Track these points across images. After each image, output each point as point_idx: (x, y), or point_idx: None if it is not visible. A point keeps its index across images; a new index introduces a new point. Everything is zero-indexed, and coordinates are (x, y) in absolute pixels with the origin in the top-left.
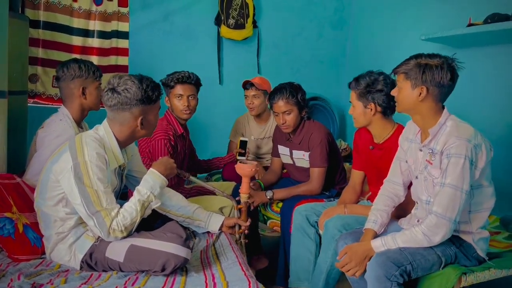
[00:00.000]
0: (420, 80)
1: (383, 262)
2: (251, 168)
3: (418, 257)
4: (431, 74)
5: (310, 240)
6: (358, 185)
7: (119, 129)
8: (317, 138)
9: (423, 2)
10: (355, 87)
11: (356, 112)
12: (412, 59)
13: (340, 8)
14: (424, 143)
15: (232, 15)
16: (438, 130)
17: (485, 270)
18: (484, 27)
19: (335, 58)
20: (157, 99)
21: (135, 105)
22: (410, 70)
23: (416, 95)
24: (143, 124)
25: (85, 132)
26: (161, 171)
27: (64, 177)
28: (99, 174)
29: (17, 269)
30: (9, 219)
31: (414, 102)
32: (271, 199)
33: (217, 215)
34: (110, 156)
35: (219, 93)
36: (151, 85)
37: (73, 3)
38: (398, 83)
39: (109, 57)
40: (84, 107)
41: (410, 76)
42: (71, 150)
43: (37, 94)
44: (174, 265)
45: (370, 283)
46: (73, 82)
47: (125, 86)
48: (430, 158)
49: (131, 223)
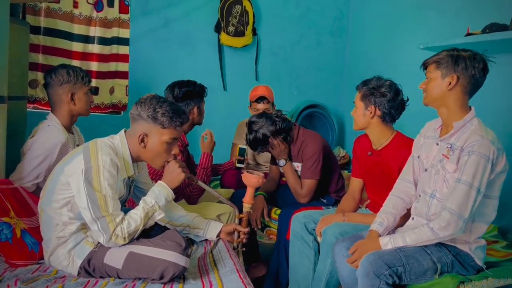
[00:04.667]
0: (452, 68)
1: (374, 260)
2: (257, 179)
3: (412, 261)
4: (464, 63)
5: (308, 248)
6: (357, 193)
7: (130, 140)
8: (310, 151)
9: (421, 11)
10: (360, 87)
11: (356, 113)
12: (444, 51)
13: (339, 16)
14: (443, 137)
15: (232, 23)
16: (463, 125)
17: (482, 279)
18: (482, 36)
19: (333, 66)
20: (166, 125)
21: (142, 119)
22: (441, 59)
23: (446, 85)
24: (144, 142)
25: (100, 138)
26: (168, 183)
27: (74, 179)
28: (109, 180)
29: (14, 275)
30: (7, 223)
31: (443, 91)
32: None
33: (215, 223)
34: (121, 165)
35: (219, 99)
36: (170, 110)
37: (73, 10)
38: (428, 74)
39: (109, 63)
40: (73, 113)
41: (441, 65)
42: (84, 154)
43: (37, 100)
44: (172, 274)
45: (359, 279)
46: (61, 88)
47: (145, 99)
48: (448, 152)
49: (134, 230)
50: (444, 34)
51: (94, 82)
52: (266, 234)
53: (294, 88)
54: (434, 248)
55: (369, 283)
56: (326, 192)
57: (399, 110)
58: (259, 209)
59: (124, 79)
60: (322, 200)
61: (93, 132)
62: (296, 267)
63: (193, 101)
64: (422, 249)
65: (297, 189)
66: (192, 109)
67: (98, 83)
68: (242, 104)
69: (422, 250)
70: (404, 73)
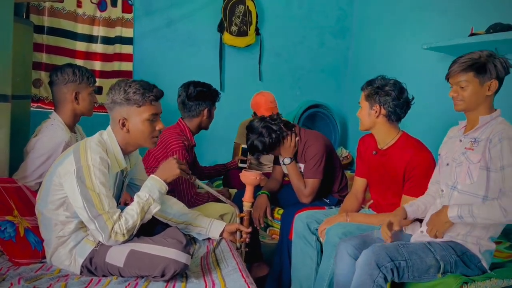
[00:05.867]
0: (494, 73)
1: (378, 250)
2: (255, 176)
3: (415, 257)
4: (499, 64)
5: (311, 248)
6: (360, 193)
7: (115, 131)
8: (313, 151)
9: (425, 11)
10: (365, 87)
11: (362, 113)
12: (472, 55)
13: (342, 17)
14: (467, 133)
15: (235, 22)
16: (489, 121)
17: (486, 280)
18: (486, 36)
19: (336, 66)
20: (140, 102)
21: (117, 105)
22: (480, 64)
23: (485, 90)
24: (125, 126)
25: (91, 137)
26: (160, 175)
27: (67, 180)
28: (101, 178)
29: (18, 273)
30: (11, 222)
31: (483, 97)
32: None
33: (218, 222)
34: (113, 160)
35: (221, 99)
36: (136, 88)
37: (77, 9)
38: (463, 82)
39: (112, 62)
40: (76, 112)
41: (480, 73)
42: (75, 154)
43: (41, 99)
44: (174, 271)
45: (359, 267)
46: (66, 87)
47: (114, 87)
48: (471, 145)
49: (132, 226)
50: (448, 34)
51: (98, 82)
52: (268, 234)
53: (297, 88)
54: (438, 246)
55: (368, 272)
56: (329, 192)
57: (404, 109)
58: (262, 209)
59: (128, 78)
60: (325, 200)
61: (97, 131)
62: (299, 267)
63: (205, 103)
64: (425, 246)
65: (301, 188)
66: (203, 110)
67: (101, 83)
68: (244, 104)
69: (425, 247)
70: (407, 74)
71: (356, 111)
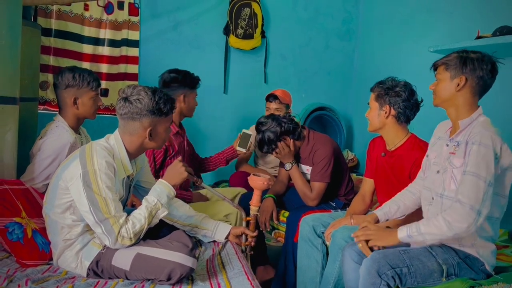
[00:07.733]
0: (460, 70)
1: (378, 259)
2: (263, 181)
3: (416, 262)
4: (472, 64)
5: (317, 251)
6: (368, 195)
7: (129, 139)
8: (321, 154)
9: (431, 14)
10: (375, 88)
11: (370, 114)
12: (453, 53)
13: (348, 19)
14: (452, 137)
15: (241, 25)
16: (469, 123)
17: (493, 284)
18: (492, 39)
19: (342, 69)
20: (169, 113)
21: (145, 116)
22: (450, 61)
23: (454, 86)
24: (152, 136)
25: (96, 140)
26: (169, 180)
27: (73, 184)
28: (107, 182)
29: (25, 275)
30: (18, 224)
31: (452, 93)
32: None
33: (224, 224)
34: (119, 165)
35: (225, 102)
36: (164, 98)
37: (84, 12)
38: (437, 75)
39: (119, 65)
40: (78, 116)
41: (450, 67)
42: (81, 158)
43: (47, 101)
44: (180, 275)
45: (362, 276)
46: (66, 91)
47: (138, 96)
48: (454, 149)
49: (140, 230)
50: (454, 37)
51: (104, 84)
52: (274, 237)
53: (302, 91)
54: (439, 250)
55: (370, 281)
56: (335, 195)
57: (414, 111)
58: (268, 212)
59: (134, 81)
60: (331, 203)
61: (103, 133)
62: (304, 270)
63: (180, 89)
64: (427, 251)
65: (306, 192)
66: (178, 96)
67: (108, 85)
68: (250, 107)
69: (427, 251)
70: (413, 76)
71: (362, 113)
